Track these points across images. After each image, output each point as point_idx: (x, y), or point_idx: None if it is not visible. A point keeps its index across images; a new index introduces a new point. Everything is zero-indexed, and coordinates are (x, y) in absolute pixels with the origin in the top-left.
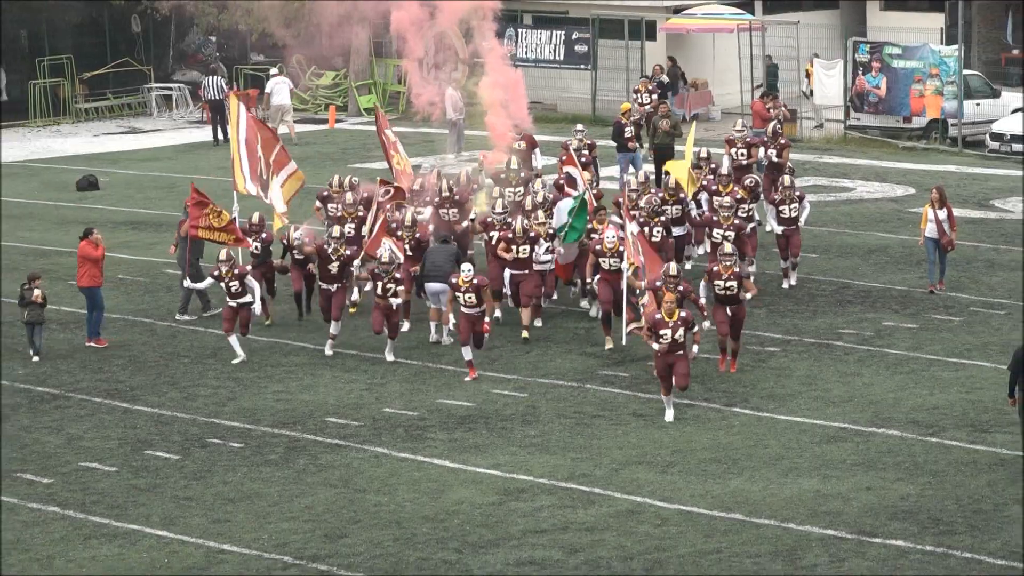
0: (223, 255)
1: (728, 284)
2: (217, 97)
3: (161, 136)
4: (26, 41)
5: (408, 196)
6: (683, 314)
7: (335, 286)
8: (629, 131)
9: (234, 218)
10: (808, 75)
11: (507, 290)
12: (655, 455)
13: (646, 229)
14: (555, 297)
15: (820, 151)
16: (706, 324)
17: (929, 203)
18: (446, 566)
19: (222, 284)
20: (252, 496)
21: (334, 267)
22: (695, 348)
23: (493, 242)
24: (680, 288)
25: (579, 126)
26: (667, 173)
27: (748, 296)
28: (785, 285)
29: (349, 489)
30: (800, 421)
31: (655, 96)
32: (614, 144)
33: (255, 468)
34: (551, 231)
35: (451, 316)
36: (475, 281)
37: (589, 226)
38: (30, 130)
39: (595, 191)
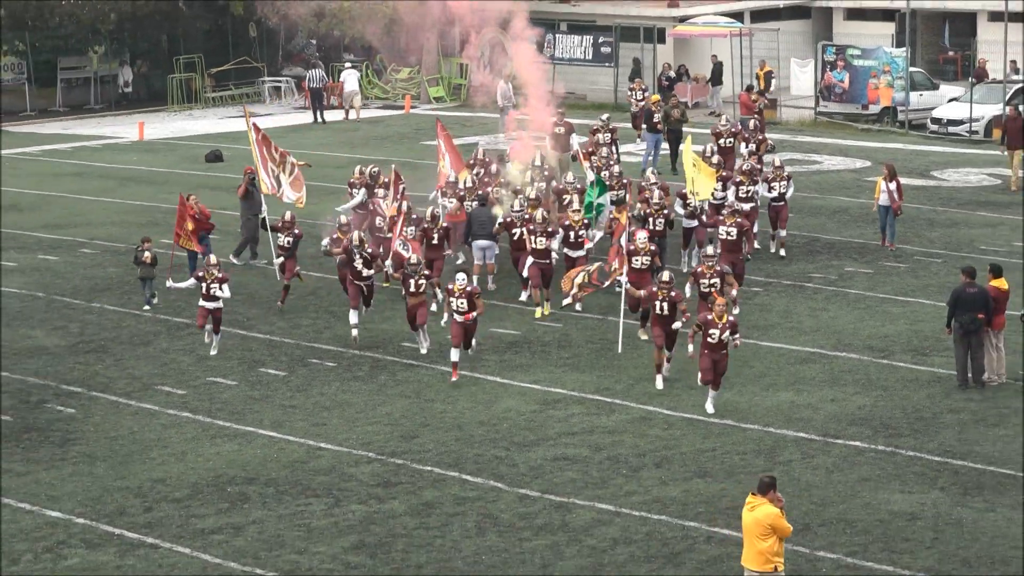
0: (212, 259)
1: (712, 282)
2: (318, 86)
3: (272, 119)
4: (166, 44)
5: (443, 189)
6: (731, 318)
7: (362, 282)
8: (656, 117)
9: (264, 218)
10: (758, 77)
11: (526, 274)
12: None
13: (651, 220)
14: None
15: (795, 132)
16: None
17: (882, 177)
18: (497, 460)
19: (203, 284)
20: (343, 405)
21: (359, 264)
22: (737, 342)
23: (515, 238)
24: (672, 294)
25: (604, 115)
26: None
27: (733, 293)
28: (773, 251)
29: (420, 399)
30: (778, 347)
31: (647, 93)
32: (643, 127)
33: (346, 383)
34: (585, 221)
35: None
36: (468, 289)
37: (611, 216)
38: (168, 114)
39: (616, 171)
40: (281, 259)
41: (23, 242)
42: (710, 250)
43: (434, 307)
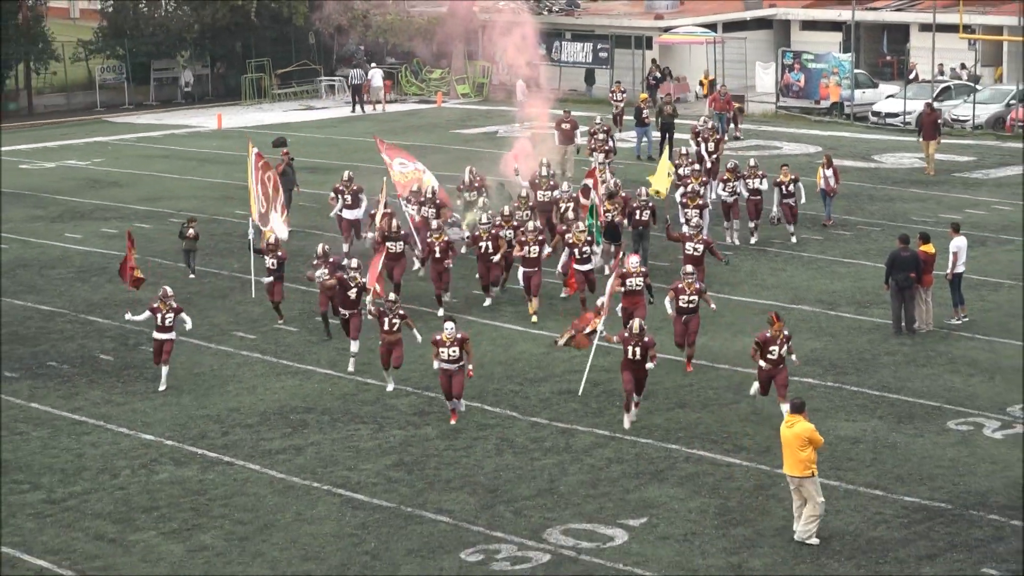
0: (162, 292)
1: (690, 298)
2: (359, 83)
3: (327, 112)
4: (240, 49)
5: (406, 197)
6: (786, 332)
7: (352, 311)
8: (645, 112)
9: (251, 239)
10: (702, 84)
11: (520, 282)
12: (649, 324)
13: (637, 212)
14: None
15: (759, 123)
16: (650, 365)
17: (822, 164)
18: (512, 394)
19: (157, 316)
20: None
21: (352, 293)
22: (793, 357)
23: (482, 251)
24: (645, 340)
25: (598, 117)
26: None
27: (712, 308)
28: (752, 240)
29: None
30: (745, 300)
31: (625, 94)
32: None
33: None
34: (589, 238)
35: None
36: (458, 336)
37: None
38: (242, 107)
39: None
40: (270, 279)
41: (123, 213)
42: (689, 268)
43: (419, 337)
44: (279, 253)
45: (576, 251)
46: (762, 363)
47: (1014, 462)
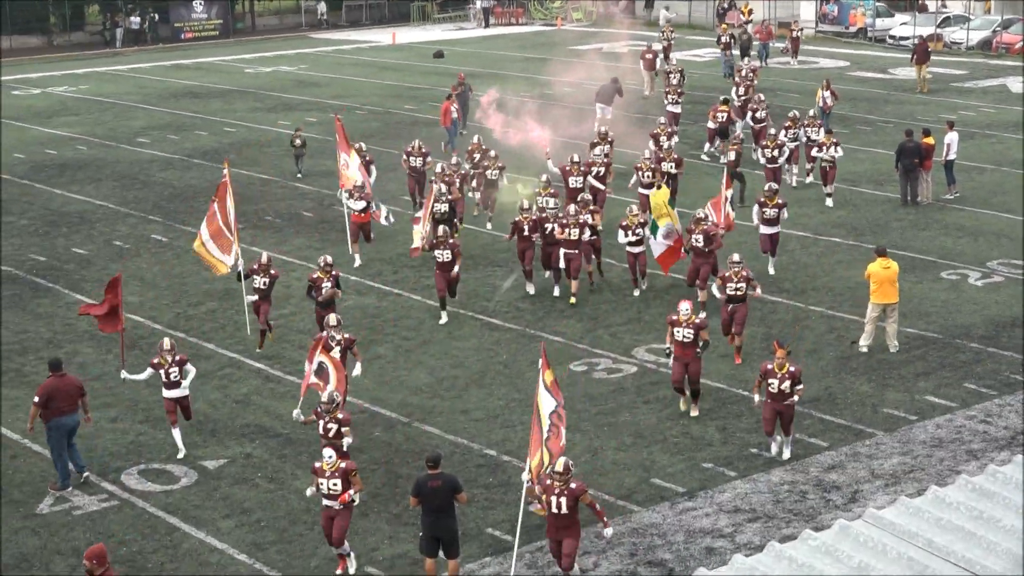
0: (167, 344)
1: (738, 285)
2: (487, 6)
3: (474, 32)
4: None
5: (350, 189)
6: (792, 369)
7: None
8: (725, 39)
9: (239, 272)
10: (743, 11)
11: (561, 264)
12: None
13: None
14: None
15: (804, 43)
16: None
17: (821, 87)
18: (611, 245)
19: (160, 372)
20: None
21: (336, 353)
22: (795, 398)
23: (546, 233)
24: (572, 486)
25: (674, 59)
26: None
27: (757, 292)
28: (807, 180)
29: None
30: (786, 180)
31: (673, 33)
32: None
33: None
34: (641, 221)
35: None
36: (342, 465)
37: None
38: (410, 27)
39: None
40: (255, 298)
41: (321, 106)
42: (736, 257)
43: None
44: (272, 272)
45: (629, 232)
46: (756, 397)
47: (991, 304)
